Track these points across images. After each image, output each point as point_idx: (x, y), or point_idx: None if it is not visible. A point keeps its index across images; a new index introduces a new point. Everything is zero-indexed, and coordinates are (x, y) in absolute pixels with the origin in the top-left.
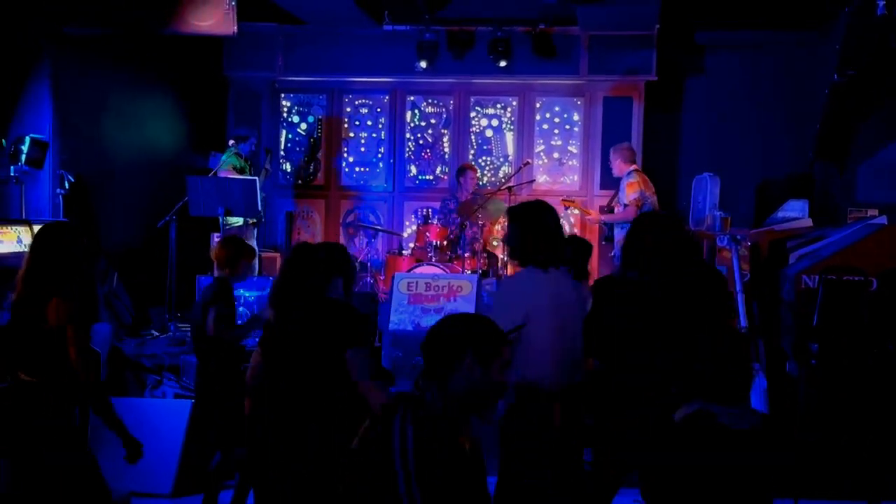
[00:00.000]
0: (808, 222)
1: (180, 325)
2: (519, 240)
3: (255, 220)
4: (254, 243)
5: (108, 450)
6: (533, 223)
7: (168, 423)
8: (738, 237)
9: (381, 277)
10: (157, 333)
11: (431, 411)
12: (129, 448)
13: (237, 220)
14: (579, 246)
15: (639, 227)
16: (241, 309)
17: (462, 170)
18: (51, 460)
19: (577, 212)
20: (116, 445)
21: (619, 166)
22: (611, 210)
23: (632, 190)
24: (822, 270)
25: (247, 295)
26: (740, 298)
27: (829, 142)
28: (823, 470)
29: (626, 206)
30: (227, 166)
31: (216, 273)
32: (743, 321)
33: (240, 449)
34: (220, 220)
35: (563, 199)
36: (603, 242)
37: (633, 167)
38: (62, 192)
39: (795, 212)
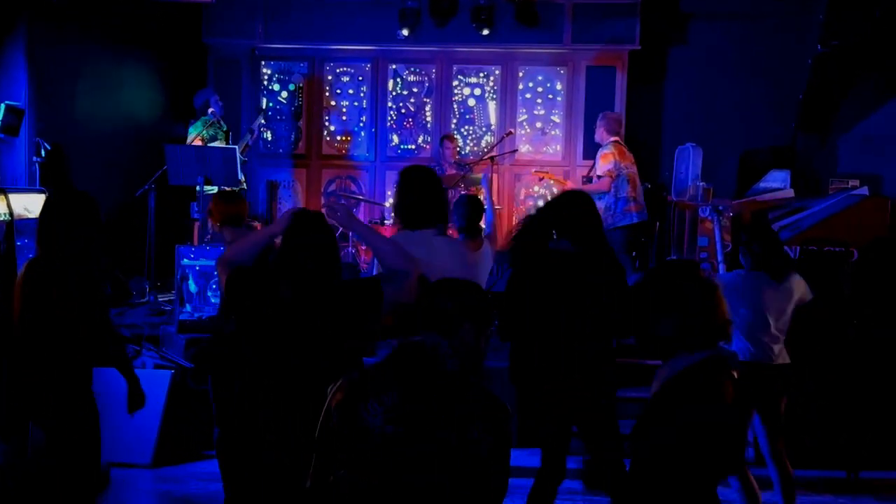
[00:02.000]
0: (790, 193)
1: (160, 296)
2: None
3: (237, 189)
4: None
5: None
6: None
7: (148, 393)
8: (721, 208)
9: (363, 248)
10: (137, 303)
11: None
12: None
13: (209, 187)
14: (475, 205)
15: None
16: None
17: (441, 140)
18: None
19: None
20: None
21: (601, 134)
22: (588, 181)
23: (605, 161)
24: (804, 241)
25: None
26: (722, 269)
27: (811, 112)
28: (803, 440)
29: (599, 177)
30: (193, 137)
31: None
32: None
33: None
34: (198, 188)
35: (535, 171)
36: None
37: (614, 138)
38: (38, 160)
39: (777, 182)
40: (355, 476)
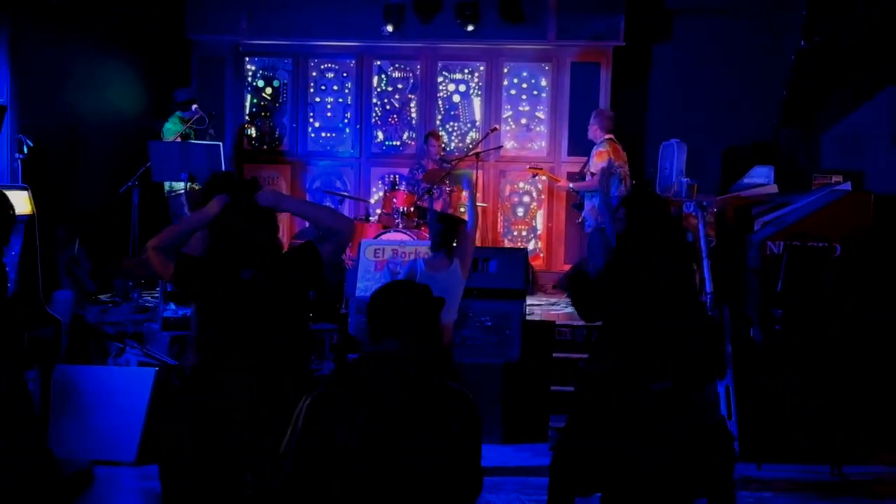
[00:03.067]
0: (774, 188)
1: (144, 293)
2: None
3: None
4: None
5: (73, 420)
6: None
7: (131, 390)
8: (705, 203)
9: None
10: (121, 300)
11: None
12: None
13: (179, 186)
14: (448, 224)
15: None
16: None
17: (425, 137)
18: None
19: (545, 178)
20: (80, 415)
21: (594, 132)
22: (582, 177)
23: (600, 159)
24: (787, 237)
25: None
26: (706, 264)
27: (794, 108)
28: (787, 434)
29: (593, 174)
30: (172, 135)
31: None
32: (708, 287)
33: None
34: (166, 185)
35: (529, 167)
36: (574, 209)
37: (608, 136)
38: (21, 156)
39: (761, 178)
40: (336, 492)
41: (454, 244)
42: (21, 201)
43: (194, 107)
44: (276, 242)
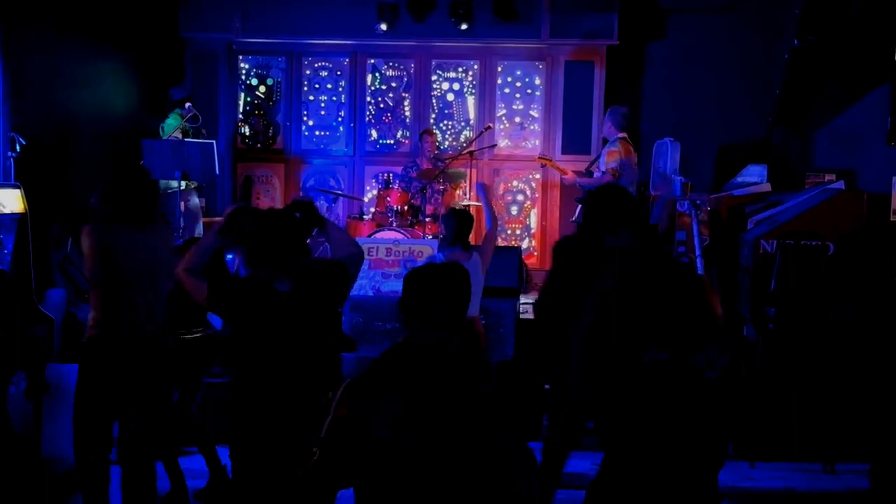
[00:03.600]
0: (767, 187)
1: None
2: None
3: (196, 184)
4: (196, 202)
5: (65, 419)
6: None
7: None
8: (698, 202)
9: None
10: None
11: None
12: None
13: (173, 184)
14: (463, 218)
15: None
16: None
17: (420, 135)
18: None
19: (541, 171)
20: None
21: (609, 129)
22: (589, 174)
23: (612, 158)
24: (780, 235)
25: None
26: (700, 263)
27: (788, 107)
28: (780, 433)
29: (603, 172)
30: (175, 130)
31: None
32: None
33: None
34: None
35: (539, 156)
36: (576, 202)
37: (622, 134)
38: (13, 155)
39: (754, 177)
40: (371, 487)
41: (469, 239)
42: (13, 200)
43: (188, 105)
44: (304, 245)
